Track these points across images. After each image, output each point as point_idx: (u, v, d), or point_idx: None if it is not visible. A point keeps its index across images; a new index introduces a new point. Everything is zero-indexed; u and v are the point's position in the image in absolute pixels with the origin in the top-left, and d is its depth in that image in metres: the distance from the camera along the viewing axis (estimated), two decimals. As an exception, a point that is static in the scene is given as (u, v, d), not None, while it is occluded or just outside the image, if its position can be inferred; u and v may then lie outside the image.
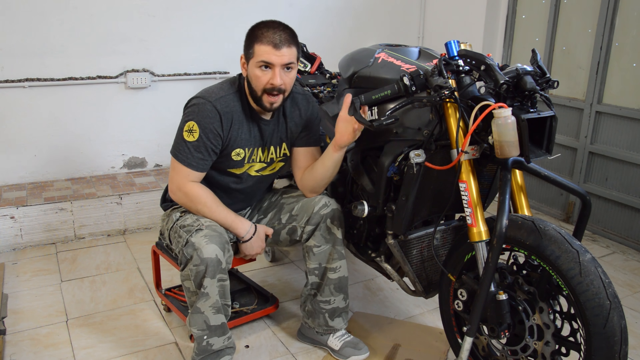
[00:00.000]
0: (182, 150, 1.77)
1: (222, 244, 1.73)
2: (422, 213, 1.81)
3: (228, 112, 1.77)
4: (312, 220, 1.91)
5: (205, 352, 1.82)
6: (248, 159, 1.89)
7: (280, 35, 1.70)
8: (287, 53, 1.71)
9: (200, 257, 1.68)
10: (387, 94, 1.66)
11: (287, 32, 1.73)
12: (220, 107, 1.75)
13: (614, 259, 2.91)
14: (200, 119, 1.74)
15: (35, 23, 3.07)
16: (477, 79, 1.59)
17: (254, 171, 1.94)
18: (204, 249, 1.68)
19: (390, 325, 2.23)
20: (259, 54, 1.70)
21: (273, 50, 1.68)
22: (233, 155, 1.85)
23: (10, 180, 3.23)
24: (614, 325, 1.37)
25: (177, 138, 1.79)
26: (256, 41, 1.71)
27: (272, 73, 1.71)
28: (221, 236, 1.74)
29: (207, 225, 1.76)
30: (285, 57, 1.70)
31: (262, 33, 1.70)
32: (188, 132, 1.75)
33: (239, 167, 1.90)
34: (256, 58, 1.71)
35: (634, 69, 2.98)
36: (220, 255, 1.71)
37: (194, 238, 1.71)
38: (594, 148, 3.21)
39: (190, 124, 1.75)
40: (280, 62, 1.70)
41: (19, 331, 2.17)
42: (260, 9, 3.70)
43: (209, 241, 1.70)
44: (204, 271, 1.69)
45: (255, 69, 1.72)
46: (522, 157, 1.52)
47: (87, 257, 2.85)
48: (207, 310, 1.76)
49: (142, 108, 3.49)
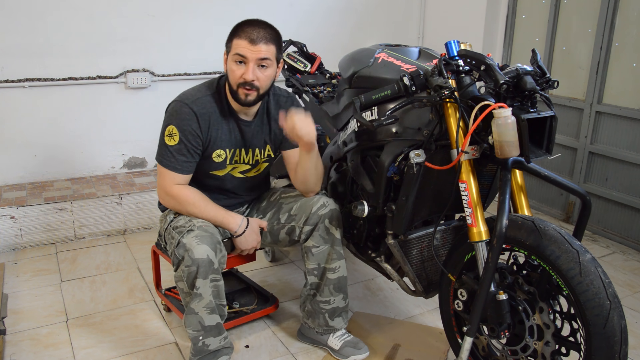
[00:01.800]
0: (165, 155, 1.79)
1: (213, 244, 1.72)
2: (422, 213, 1.81)
3: (205, 113, 1.79)
4: (310, 221, 1.91)
5: (201, 353, 1.82)
6: (230, 160, 1.90)
7: (259, 32, 1.72)
8: (264, 49, 1.71)
9: (192, 258, 1.68)
10: (387, 94, 1.66)
11: (268, 30, 1.74)
12: (196, 108, 1.77)
13: (614, 259, 2.91)
14: (179, 122, 1.76)
15: (35, 23, 3.07)
16: (477, 79, 1.59)
17: (238, 172, 1.95)
18: (195, 250, 1.68)
19: (390, 325, 2.23)
20: (235, 47, 1.73)
21: (248, 45, 1.70)
22: (214, 157, 1.85)
23: (10, 180, 3.23)
24: (614, 325, 1.37)
25: (160, 143, 1.81)
26: (235, 35, 1.74)
27: (246, 67, 1.73)
28: (212, 236, 1.74)
29: (199, 225, 1.76)
30: (261, 53, 1.71)
31: (242, 29, 1.73)
32: (169, 137, 1.77)
33: (221, 169, 1.90)
34: (232, 51, 1.74)
35: (634, 69, 2.98)
36: (211, 255, 1.70)
37: (185, 239, 1.71)
38: (594, 148, 3.21)
39: (170, 128, 1.77)
40: (255, 56, 1.71)
41: (19, 331, 2.17)
42: (261, 9, 3.70)
43: (199, 242, 1.70)
44: (195, 272, 1.69)
45: (232, 63, 1.75)
46: (522, 157, 1.52)
47: (87, 257, 2.85)
48: (201, 311, 1.75)
49: (142, 108, 3.49)
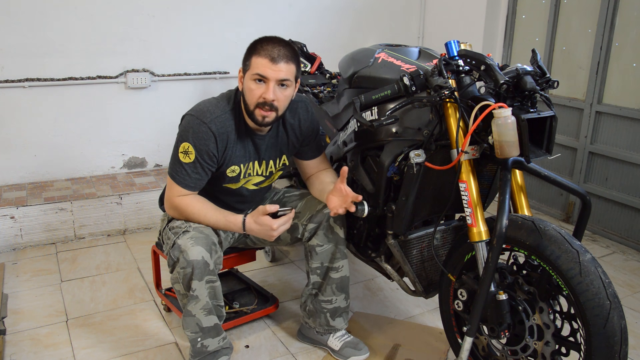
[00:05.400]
0: (179, 172, 1.75)
1: (208, 246, 1.71)
2: (422, 213, 1.81)
3: (223, 133, 1.74)
4: (315, 219, 1.91)
5: (201, 354, 1.81)
6: (244, 174, 1.87)
7: (280, 51, 1.66)
8: (284, 69, 1.67)
9: (186, 260, 1.67)
10: (387, 94, 1.66)
11: (288, 48, 1.69)
12: (215, 128, 1.72)
13: (614, 259, 2.91)
14: (195, 141, 1.71)
15: (35, 23, 3.07)
16: (477, 79, 1.59)
17: (251, 185, 1.92)
18: (190, 251, 1.67)
19: (390, 325, 2.23)
20: (254, 66, 1.67)
21: (269, 64, 1.65)
22: (228, 172, 1.83)
23: (10, 180, 3.23)
24: (614, 325, 1.37)
25: (173, 159, 1.77)
26: (254, 53, 1.68)
27: (266, 87, 1.67)
28: (208, 238, 1.73)
29: (195, 227, 1.75)
30: (282, 73, 1.66)
31: (261, 46, 1.67)
32: (184, 154, 1.73)
33: (234, 183, 1.88)
34: (252, 70, 1.68)
35: (634, 69, 2.98)
36: (207, 257, 1.69)
37: (180, 240, 1.70)
38: (594, 148, 3.20)
39: (185, 145, 1.72)
40: (276, 76, 1.66)
41: (19, 331, 2.17)
42: (260, 9, 3.70)
43: (194, 243, 1.68)
44: (190, 273, 1.68)
45: (250, 82, 1.69)
46: (522, 157, 1.52)
47: (87, 257, 2.85)
48: (198, 313, 1.75)
49: (142, 108, 3.49)
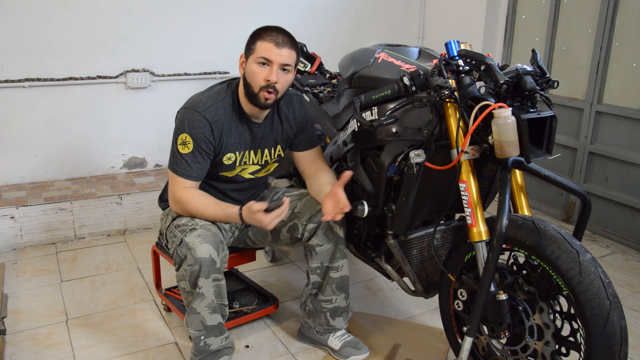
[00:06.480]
0: (179, 163, 1.79)
1: (216, 244, 1.73)
2: (422, 213, 1.81)
3: (217, 121, 1.79)
4: (315, 219, 1.92)
5: (203, 353, 1.82)
6: (239, 162, 1.90)
7: (284, 37, 1.75)
8: (287, 54, 1.74)
9: (194, 257, 1.68)
10: (387, 94, 1.66)
11: (290, 36, 1.78)
12: (209, 116, 1.78)
13: (614, 259, 2.91)
14: (191, 130, 1.76)
15: (35, 23, 3.07)
16: (477, 79, 1.59)
17: (247, 174, 1.95)
18: (198, 249, 1.69)
19: (390, 325, 2.23)
20: (259, 50, 1.73)
21: (274, 48, 1.72)
22: (224, 160, 1.87)
23: (10, 180, 3.23)
24: (614, 325, 1.37)
25: (173, 153, 1.81)
26: (259, 39, 1.75)
27: (270, 70, 1.74)
28: (215, 236, 1.74)
29: (202, 224, 1.77)
30: (284, 57, 1.73)
31: (266, 32, 1.75)
32: (182, 145, 1.77)
33: (230, 170, 1.91)
34: (256, 54, 1.74)
35: (634, 69, 2.98)
36: (214, 254, 1.71)
37: (187, 238, 1.72)
38: (594, 148, 3.20)
39: (183, 136, 1.77)
40: (279, 60, 1.73)
41: (19, 331, 2.17)
42: (260, 9, 3.70)
43: (202, 241, 1.70)
44: (198, 271, 1.69)
45: (254, 65, 1.75)
46: (522, 157, 1.52)
47: (87, 257, 2.85)
48: (203, 311, 1.76)
49: (142, 108, 3.49)
